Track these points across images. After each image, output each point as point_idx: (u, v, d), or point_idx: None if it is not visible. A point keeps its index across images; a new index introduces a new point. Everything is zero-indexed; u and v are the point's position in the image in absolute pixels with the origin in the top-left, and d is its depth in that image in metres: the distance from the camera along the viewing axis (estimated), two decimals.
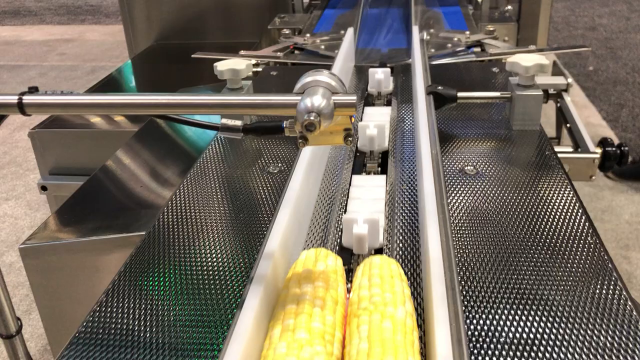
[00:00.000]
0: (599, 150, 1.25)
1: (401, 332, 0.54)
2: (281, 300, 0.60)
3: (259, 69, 1.61)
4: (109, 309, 0.71)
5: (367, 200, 0.88)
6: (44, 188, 1.70)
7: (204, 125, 0.64)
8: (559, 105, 1.50)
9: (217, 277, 0.75)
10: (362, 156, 1.04)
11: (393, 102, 1.30)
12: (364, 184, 0.93)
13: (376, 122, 1.01)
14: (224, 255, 0.79)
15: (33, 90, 0.57)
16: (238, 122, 0.63)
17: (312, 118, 0.51)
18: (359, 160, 1.04)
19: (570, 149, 1.31)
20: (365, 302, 0.58)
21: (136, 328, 0.67)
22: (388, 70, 1.30)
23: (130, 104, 0.55)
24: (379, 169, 1.02)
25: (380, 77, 1.25)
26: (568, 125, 1.41)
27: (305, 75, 0.56)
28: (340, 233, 0.83)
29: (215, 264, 0.78)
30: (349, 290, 0.66)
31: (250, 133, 0.63)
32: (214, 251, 0.80)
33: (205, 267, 0.77)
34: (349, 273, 0.74)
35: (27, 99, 0.55)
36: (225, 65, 1.16)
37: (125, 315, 0.70)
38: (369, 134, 0.99)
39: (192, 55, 1.66)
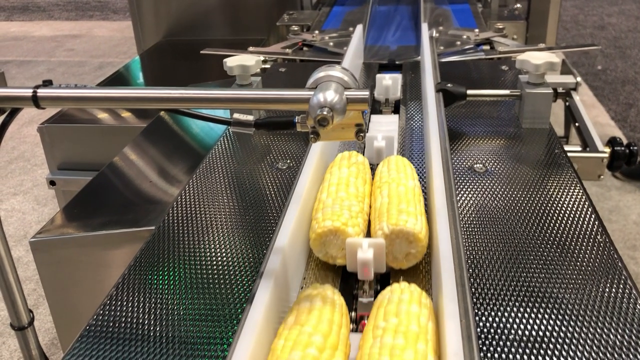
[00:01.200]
0: (607, 150, 1.25)
1: (411, 193, 0.78)
2: (325, 179, 0.84)
3: (267, 66, 1.61)
4: (120, 303, 0.71)
5: (383, 130, 1.04)
6: (52, 183, 1.71)
7: (217, 119, 0.64)
8: (567, 104, 1.49)
9: (226, 272, 0.75)
10: (378, 104, 1.23)
11: (404, 66, 1.52)
12: (380, 120, 1.11)
13: (390, 75, 1.22)
14: (233, 250, 0.80)
15: (47, 83, 0.57)
16: (250, 117, 0.63)
17: (325, 113, 0.51)
18: (376, 107, 1.24)
19: (579, 148, 1.30)
20: (385, 178, 0.82)
21: (146, 322, 0.68)
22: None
23: (144, 97, 0.55)
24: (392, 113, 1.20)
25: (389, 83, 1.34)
26: (577, 124, 1.40)
27: (318, 70, 0.56)
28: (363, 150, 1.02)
29: (224, 258, 0.78)
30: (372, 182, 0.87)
31: (261, 128, 0.63)
32: (223, 246, 0.81)
33: (214, 262, 0.77)
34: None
35: (41, 92, 0.56)
36: (235, 61, 1.16)
37: (136, 309, 0.70)
38: (384, 84, 1.20)
39: (201, 52, 1.67)
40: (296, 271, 0.71)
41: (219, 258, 0.78)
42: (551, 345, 0.61)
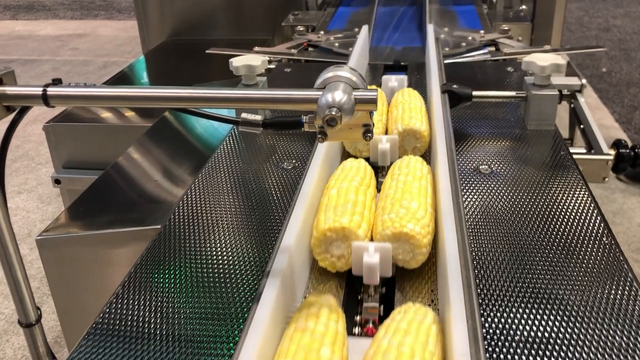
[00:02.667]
0: (612, 152, 1.25)
1: (419, 109, 1.04)
2: None
3: (272, 66, 1.62)
4: (126, 301, 0.72)
5: (395, 78, 1.25)
6: (57, 181, 1.72)
7: (225, 119, 0.64)
8: (572, 106, 1.49)
9: (232, 271, 0.75)
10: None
11: (409, 67, 1.60)
12: (391, 77, 1.27)
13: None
14: (239, 250, 0.80)
15: (57, 82, 0.57)
16: (258, 117, 0.63)
17: (333, 113, 0.51)
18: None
19: (584, 150, 1.30)
20: (400, 100, 1.08)
21: (152, 320, 0.68)
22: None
23: (153, 96, 0.55)
24: None
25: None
26: (581, 126, 1.40)
27: (327, 70, 0.56)
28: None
29: (230, 258, 0.78)
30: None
31: (269, 127, 0.63)
32: (228, 245, 0.81)
33: (220, 261, 0.78)
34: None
35: (51, 90, 0.56)
36: (241, 61, 1.16)
37: (142, 307, 0.70)
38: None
39: (207, 51, 1.67)
40: (302, 270, 0.72)
41: (225, 257, 0.78)
42: (557, 347, 0.61)
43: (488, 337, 0.63)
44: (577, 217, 0.83)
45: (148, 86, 0.57)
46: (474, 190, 0.91)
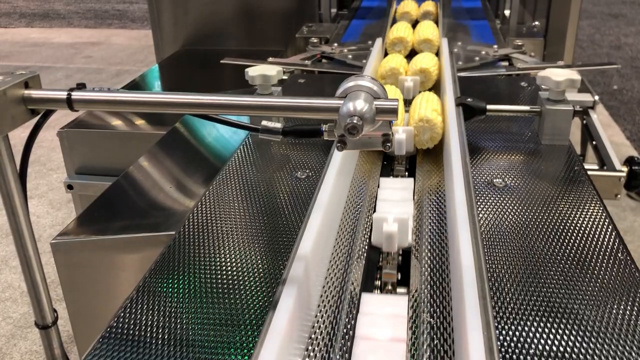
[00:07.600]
0: (625, 169, 1.24)
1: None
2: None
3: (285, 77, 1.62)
4: (140, 305, 0.72)
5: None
6: (70, 187, 1.73)
7: (245, 126, 0.65)
8: (584, 122, 1.49)
9: (245, 278, 0.76)
10: None
11: None
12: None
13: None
14: (252, 257, 0.80)
15: (81, 86, 0.58)
16: (278, 125, 0.64)
17: (354, 121, 0.51)
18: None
19: (596, 167, 1.30)
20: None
21: (166, 325, 0.68)
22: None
23: (176, 102, 0.56)
24: None
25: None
26: (594, 142, 1.40)
27: (348, 80, 0.56)
28: None
29: (243, 265, 0.78)
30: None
31: (289, 135, 0.63)
32: (242, 253, 0.81)
33: (233, 268, 0.78)
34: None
35: (75, 94, 0.57)
36: (257, 70, 1.17)
37: (156, 312, 0.70)
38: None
39: (221, 61, 1.68)
40: (318, 280, 0.72)
41: (238, 265, 0.79)
42: None
43: (503, 349, 0.63)
44: (592, 232, 0.83)
45: (170, 92, 0.58)
46: (488, 204, 0.91)
